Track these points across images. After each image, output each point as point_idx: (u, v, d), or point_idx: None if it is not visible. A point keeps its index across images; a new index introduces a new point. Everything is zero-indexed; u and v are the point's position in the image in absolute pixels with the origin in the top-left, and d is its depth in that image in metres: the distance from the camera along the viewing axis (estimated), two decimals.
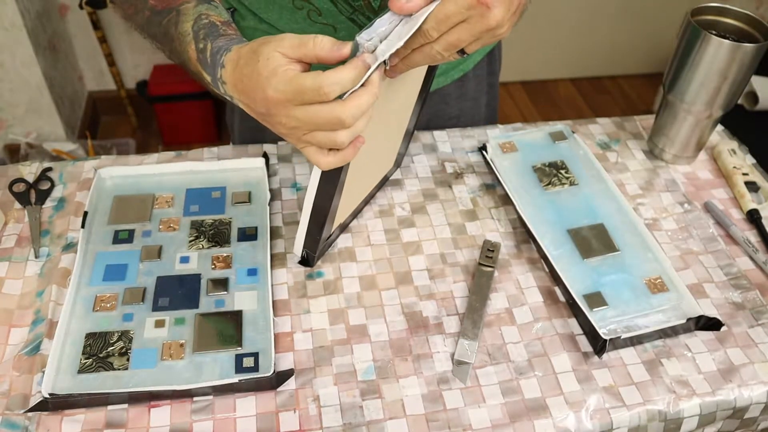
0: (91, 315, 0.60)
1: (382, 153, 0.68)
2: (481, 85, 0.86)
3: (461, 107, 0.85)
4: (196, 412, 0.54)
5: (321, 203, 0.57)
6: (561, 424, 0.54)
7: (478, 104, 0.87)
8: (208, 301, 0.61)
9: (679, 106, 0.74)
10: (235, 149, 0.77)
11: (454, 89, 0.83)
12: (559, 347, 0.59)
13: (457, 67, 0.80)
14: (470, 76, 0.83)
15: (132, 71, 2.18)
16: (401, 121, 0.68)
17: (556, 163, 0.76)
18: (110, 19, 2.05)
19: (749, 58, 0.68)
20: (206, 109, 2.12)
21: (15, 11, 1.71)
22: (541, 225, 0.69)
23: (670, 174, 0.77)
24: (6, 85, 1.86)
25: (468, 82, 0.84)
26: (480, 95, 0.87)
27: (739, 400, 0.57)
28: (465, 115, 0.86)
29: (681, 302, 0.62)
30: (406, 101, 0.65)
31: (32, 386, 0.55)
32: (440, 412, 0.54)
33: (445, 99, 0.83)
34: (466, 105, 0.86)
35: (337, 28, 0.67)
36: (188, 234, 0.67)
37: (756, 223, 0.71)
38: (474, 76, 0.84)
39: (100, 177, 0.72)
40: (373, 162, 0.67)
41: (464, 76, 0.82)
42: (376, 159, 0.67)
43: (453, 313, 0.62)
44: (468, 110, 0.86)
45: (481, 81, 0.86)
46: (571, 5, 2.28)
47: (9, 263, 0.65)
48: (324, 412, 0.54)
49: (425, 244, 0.68)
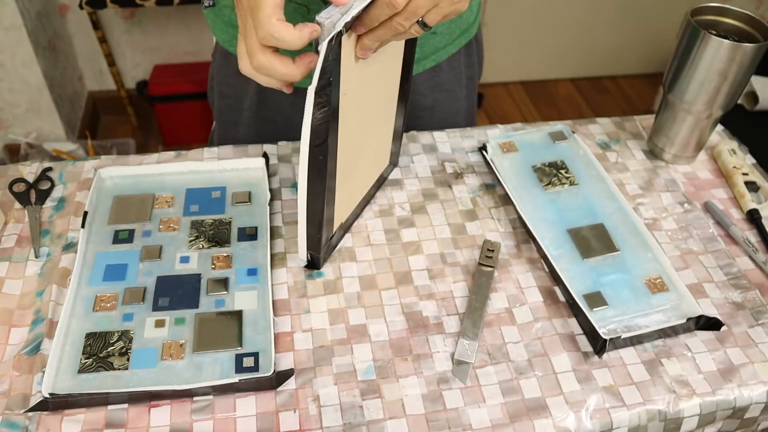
0: (91, 315, 0.60)
1: (372, 149, 0.68)
2: (458, 77, 0.86)
3: (435, 98, 0.85)
4: (196, 412, 0.54)
5: (313, 203, 0.57)
6: (561, 424, 0.54)
7: (455, 96, 0.88)
8: (208, 301, 0.61)
9: (679, 106, 0.74)
10: (235, 149, 0.77)
11: (425, 79, 0.83)
12: (559, 347, 0.59)
13: (429, 57, 0.80)
14: (444, 67, 0.83)
15: (132, 71, 2.19)
16: (387, 116, 0.68)
17: (556, 163, 0.76)
18: (110, 19, 2.05)
19: (749, 58, 0.68)
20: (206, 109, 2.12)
21: (15, 11, 1.71)
22: (541, 225, 0.69)
23: (670, 174, 0.77)
24: (6, 85, 1.86)
25: (442, 73, 0.84)
26: (457, 87, 0.87)
27: (739, 400, 0.57)
28: (440, 105, 0.86)
29: (681, 302, 0.62)
30: (387, 93, 0.65)
31: (32, 386, 0.55)
32: (440, 412, 0.54)
33: (417, 87, 0.83)
34: (441, 96, 0.86)
35: (311, 9, 0.68)
36: (188, 234, 0.67)
37: (756, 223, 0.71)
38: (449, 68, 0.84)
39: (100, 177, 0.72)
40: (365, 159, 0.66)
41: (438, 67, 0.83)
42: (367, 156, 0.67)
43: (453, 313, 0.62)
44: (443, 101, 0.86)
45: (458, 73, 0.86)
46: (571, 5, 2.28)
47: (9, 263, 0.65)
48: (324, 412, 0.54)
49: (425, 244, 0.68)
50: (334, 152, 0.55)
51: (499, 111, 2.34)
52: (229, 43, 0.80)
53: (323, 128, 0.52)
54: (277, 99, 0.82)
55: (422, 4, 0.49)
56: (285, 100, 0.82)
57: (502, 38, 2.28)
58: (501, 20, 2.25)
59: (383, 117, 0.67)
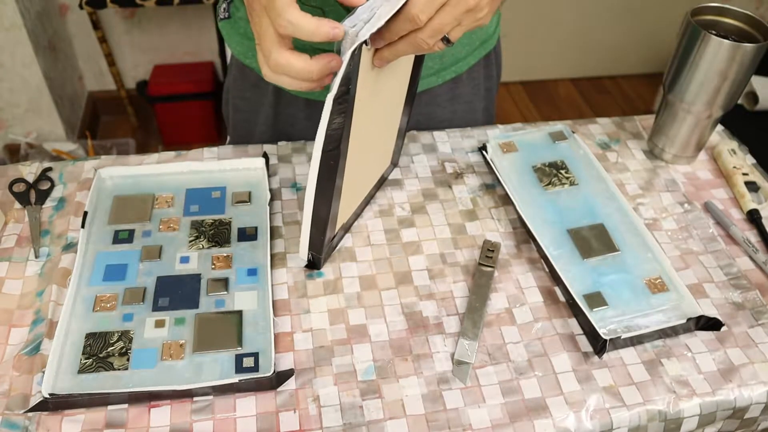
0: (91, 315, 0.60)
1: (376, 151, 0.68)
2: (477, 89, 0.86)
3: (454, 110, 0.85)
4: (196, 412, 0.54)
5: (320, 207, 0.57)
6: (561, 424, 0.54)
7: (473, 108, 0.87)
8: (208, 301, 0.61)
9: (679, 106, 0.74)
10: (235, 149, 0.77)
11: (445, 90, 0.82)
12: (559, 347, 0.59)
13: (449, 68, 0.80)
14: (464, 79, 0.83)
15: (132, 71, 2.19)
16: (393, 118, 0.68)
17: (556, 163, 0.76)
18: (110, 19, 2.05)
19: (749, 58, 0.68)
20: (206, 109, 2.12)
21: (15, 11, 1.71)
22: (541, 225, 0.69)
23: (670, 174, 0.77)
24: (6, 85, 1.86)
25: (461, 85, 0.83)
26: (475, 99, 0.86)
27: (739, 400, 0.57)
28: (458, 118, 0.85)
29: (681, 302, 0.62)
30: (395, 97, 0.65)
31: (32, 386, 0.55)
32: (440, 412, 0.54)
33: (435, 100, 0.82)
34: (460, 108, 0.85)
35: (326, 11, 0.68)
36: (188, 234, 0.67)
37: (756, 223, 0.71)
38: (469, 80, 0.84)
39: (100, 177, 0.72)
40: (370, 161, 0.67)
41: (457, 78, 0.82)
42: (371, 157, 0.67)
43: (453, 313, 0.62)
44: (461, 113, 0.86)
45: (477, 85, 0.85)
46: (571, 5, 2.28)
47: (9, 263, 0.65)
48: (324, 412, 0.54)
49: (425, 244, 0.68)
50: (344, 157, 0.55)
51: (499, 111, 2.34)
52: (245, 56, 0.79)
53: (338, 134, 0.52)
54: (292, 112, 0.82)
55: (446, 22, 0.49)
56: (300, 113, 0.81)
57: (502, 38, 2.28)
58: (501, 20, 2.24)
59: (390, 119, 0.67)
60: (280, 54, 0.49)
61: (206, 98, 2.09)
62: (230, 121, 0.89)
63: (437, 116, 0.84)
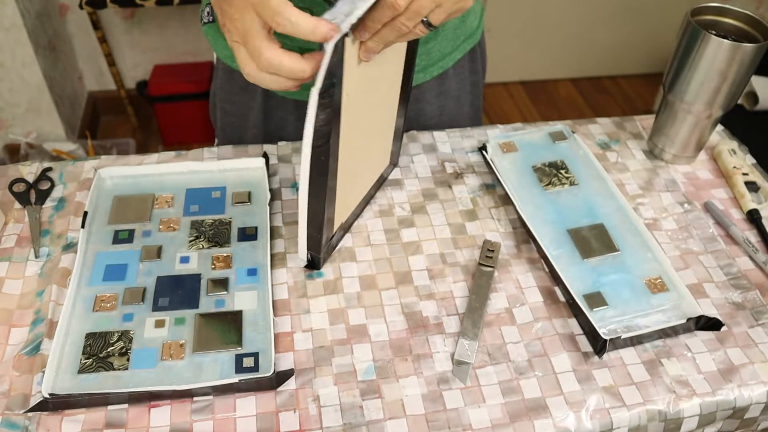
0: (91, 315, 0.60)
1: (373, 150, 0.68)
2: (463, 84, 0.86)
3: (442, 105, 0.85)
4: (196, 412, 0.54)
5: (314, 205, 0.57)
6: (561, 424, 0.54)
7: (461, 103, 0.87)
8: (208, 301, 0.61)
9: (679, 106, 0.74)
10: (235, 149, 0.77)
11: (433, 86, 0.83)
12: (559, 347, 0.59)
13: (436, 64, 0.80)
14: (450, 73, 0.83)
15: (132, 71, 2.19)
16: (388, 118, 0.68)
17: (556, 163, 0.76)
18: (110, 19, 2.05)
19: (749, 58, 0.68)
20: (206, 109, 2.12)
21: (15, 11, 1.71)
22: (541, 225, 0.69)
23: (670, 174, 0.77)
24: (6, 85, 1.86)
25: (448, 80, 0.84)
26: (462, 94, 0.87)
27: (739, 400, 0.57)
28: (447, 113, 0.86)
29: (681, 302, 0.62)
30: (389, 96, 0.65)
31: (32, 386, 0.55)
32: (440, 412, 0.54)
33: (424, 96, 0.83)
34: (448, 103, 0.85)
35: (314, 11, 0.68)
36: (188, 234, 0.67)
37: (756, 223, 0.71)
38: (455, 74, 0.84)
39: (100, 177, 0.72)
40: (366, 160, 0.67)
41: (444, 74, 0.82)
42: (368, 156, 0.67)
43: (453, 313, 0.62)
44: (450, 109, 0.86)
45: (463, 80, 0.86)
46: (571, 5, 2.28)
47: (9, 263, 0.65)
48: (324, 412, 0.54)
49: (425, 244, 0.68)
50: (335, 153, 0.55)
51: (499, 111, 2.34)
52: (232, 59, 0.78)
53: (326, 130, 0.52)
54: (282, 115, 0.82)
55: (425, 5, 0.49)
56: (290, 115, 0.81)
57: (502, 38, 2.28)
58: (501, 20, 2.25)
59: (385, 118, 0.67)
60: (272, 52, 0.49)
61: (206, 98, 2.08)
62: (218, 126, 0.89)
63: (426, 112, 0.84)
